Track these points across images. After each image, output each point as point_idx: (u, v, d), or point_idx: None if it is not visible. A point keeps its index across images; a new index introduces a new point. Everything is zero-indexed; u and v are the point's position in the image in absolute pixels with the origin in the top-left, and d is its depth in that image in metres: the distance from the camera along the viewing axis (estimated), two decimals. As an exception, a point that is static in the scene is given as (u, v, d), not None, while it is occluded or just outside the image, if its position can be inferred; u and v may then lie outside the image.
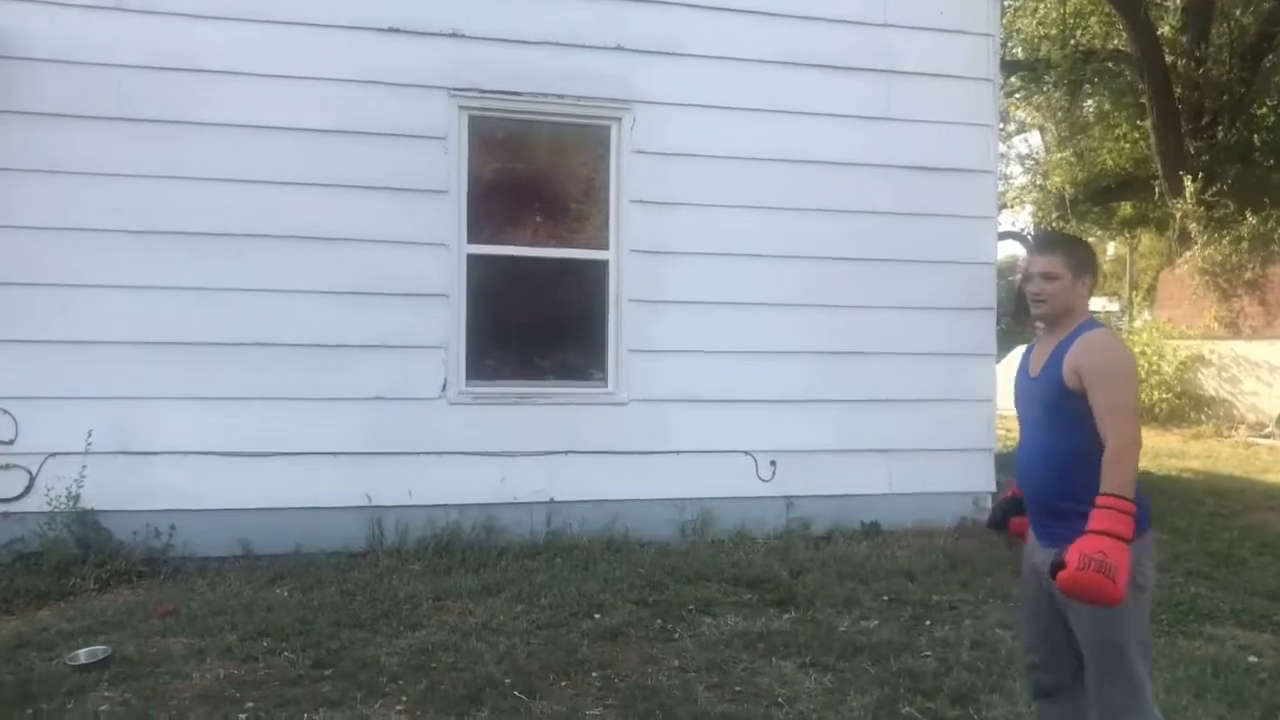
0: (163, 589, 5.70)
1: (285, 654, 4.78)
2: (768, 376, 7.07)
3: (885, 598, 5.78)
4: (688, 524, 6.89)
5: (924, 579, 6.15)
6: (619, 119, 6.87)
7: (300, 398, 6.32)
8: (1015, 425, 3.35)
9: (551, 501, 6.69)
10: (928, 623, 5.38)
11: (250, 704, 4.21)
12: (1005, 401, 13.36)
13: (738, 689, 4.48)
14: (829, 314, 7.20)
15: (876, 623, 5.36)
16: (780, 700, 4.37)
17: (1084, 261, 3.14)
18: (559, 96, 6.74)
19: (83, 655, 4.57)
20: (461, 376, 6.67)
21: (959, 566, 6.40)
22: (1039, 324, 3.24)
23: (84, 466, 5.89)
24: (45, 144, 6.00)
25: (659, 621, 5.35)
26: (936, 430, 7.35)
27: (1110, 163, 23.84)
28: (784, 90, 7.13)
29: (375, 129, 6.45)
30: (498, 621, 5.26)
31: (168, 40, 6.17)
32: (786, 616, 5.46)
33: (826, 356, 7.18)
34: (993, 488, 7.46)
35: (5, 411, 5.93)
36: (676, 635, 5.19)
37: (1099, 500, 2.78)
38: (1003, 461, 8.34)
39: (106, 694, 4.25)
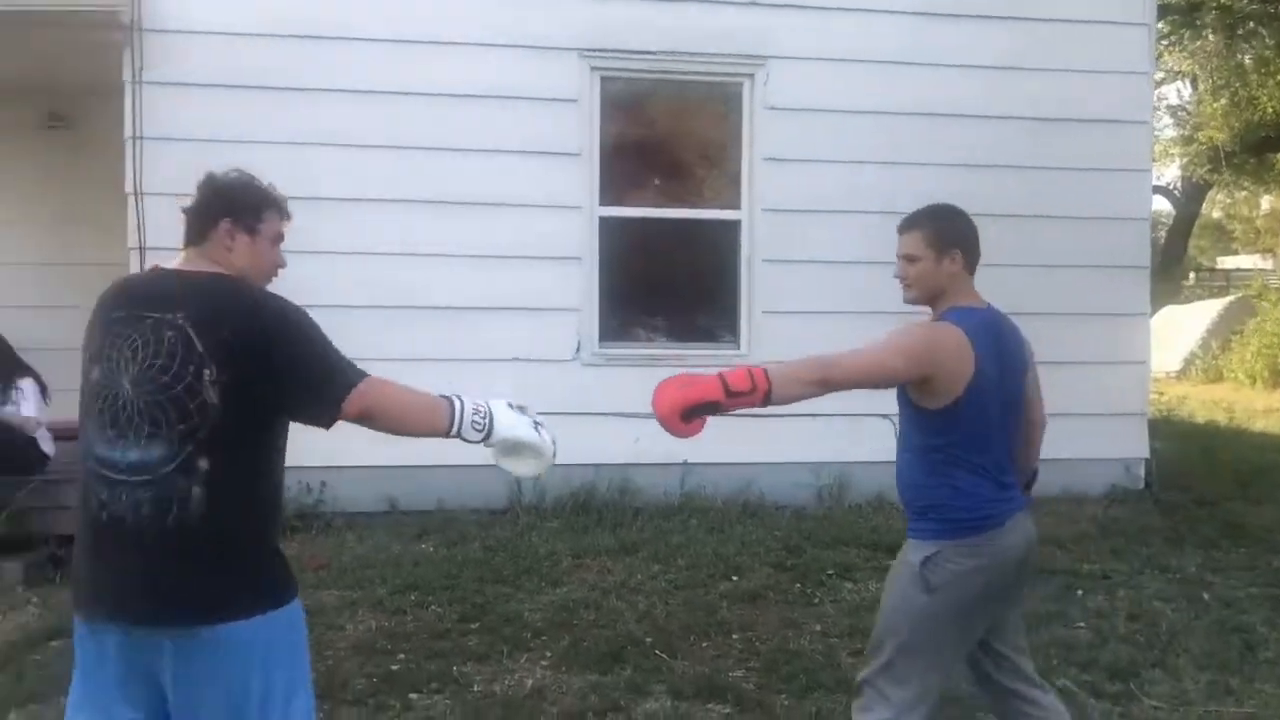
0: (315, 543, 5.92)
1: (433, 607, 4.91)
2: (905, 338, 6.88)
3: (1032, 565, 5.60)
4: (824, 488, 6.80)
5: (1073, 547, 5.93)
6: (752, 75, 6.74)
7: (441, 359, 6.41)
8: (1169, 389, 3.16)
9: (685, 464, 6.67)
10: (1079, 592, 5.20)
11: (401, 655, 4.35)
12: (1159, 363, 12.67)
13: (881, 655, 4.41)
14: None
15: (1024, 591, 5.18)
16: (926, 666, 4.28)
17: (948, 235, 2.84)
18: (691, 54, 6.66)
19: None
20: (595, 338, 6.70)
21: (1110, 535, 6.15)
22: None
23: (240, 425, 6.13)
24: (200, 114, 6.20)
25: (798, 585, 5.31)
26: (1084, 394, 7.01)
27: (1270, 110, 22.35)
28: (920, 41, 6.87)
29: (509, 92, 6.49)
30: (636, 581, 5.30)
31: (311, 9, 6.33)
32: (926, 583, 5.33)
33: (968, 316, 6.94)
34: (1146, 454, 7.14)
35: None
36: (817, 599, 5.14)
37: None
38: (1156, 427, 7.99)
39: (267, 642, 4.43)
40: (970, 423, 2.71)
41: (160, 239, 6.11)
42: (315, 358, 2.20)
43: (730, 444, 6.60)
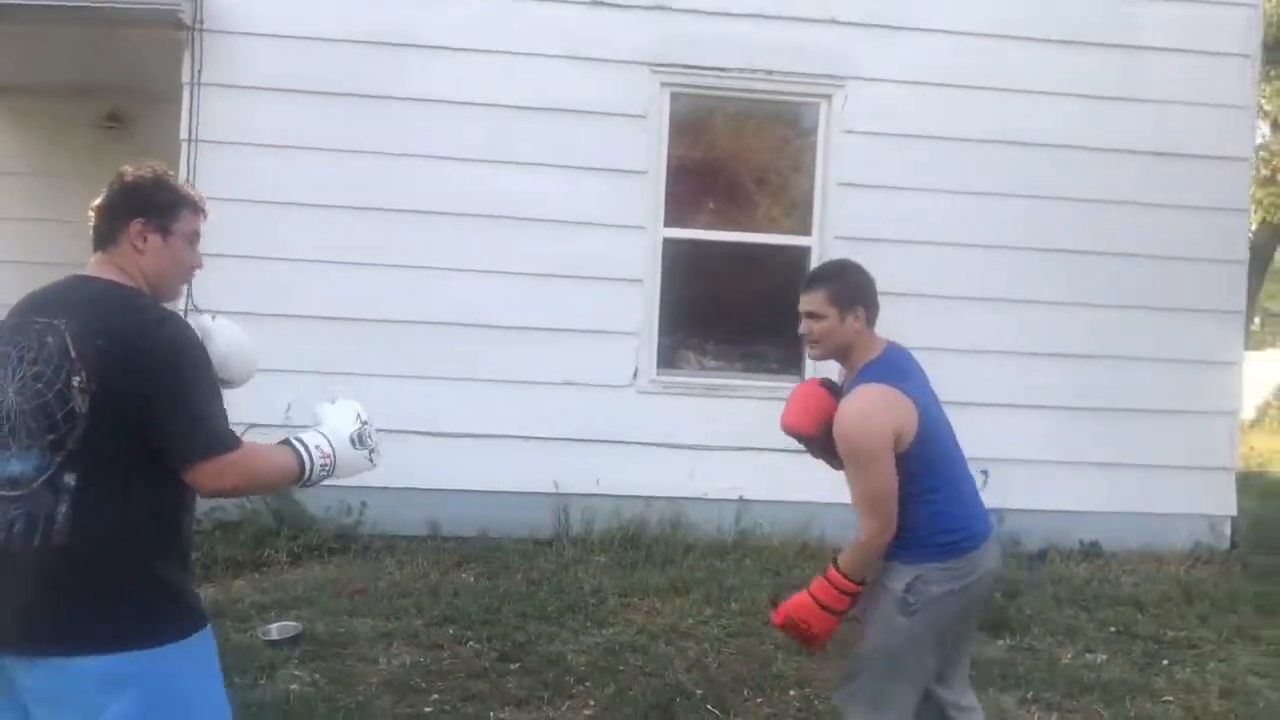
0: (352, 566, 5.70)
1: (471, 643, 4.66)
2: (979, 377, 6.50)
3: (1112, 629, 5.23)
4: (888, 532, 6.43)
5: (1155, 611, 5.53)
6: (829, 96, 6.47)
7: (492, 379, 6.22)
8: (1259, 442, 2.93)
9: (741, 500, 6.37)
10: (1164, 662, 4.81)
11: (436, 695, 4.10)
12: (1250, 413, 11.99)
13: None
14: (1049, 311, 6.60)
15: (1104, 657, 4.83)
16: (1002, 740, 3.93)
17: (851, 293, 2.93)
18: (767, 73, 6.40)
19: (275, 630, 4.56)
20: (653, 365, 6.44)
21: (1196, 599, 5.71)
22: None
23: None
24: (258, 118, 6.07)
25: (859, 638, 4.96)
26: (1169, 444, 6.64)
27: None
28: (1008, 66, 6.56)
29: (574, 106, 6.28)
30: (686, 625, 5.00)
31: (377, 15, 6.17)
32: (1001, 643, 4.98)
33: (1046, 358, 6.58)
34: (1233, 511, 6.71)
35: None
36: (880, 655, 4.78)
37: (829, 569, 2.84)
38: (1245, 482, 7.52)
39: (296, 672, 4.21)
40: (930, 456, 2.85)
41: (212, 243, 5.93)
42: (196, 398, 2.03)
43: (789, 480, 6.34)
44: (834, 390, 3.01)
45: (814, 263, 6.47)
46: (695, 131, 6.64)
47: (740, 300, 6.72)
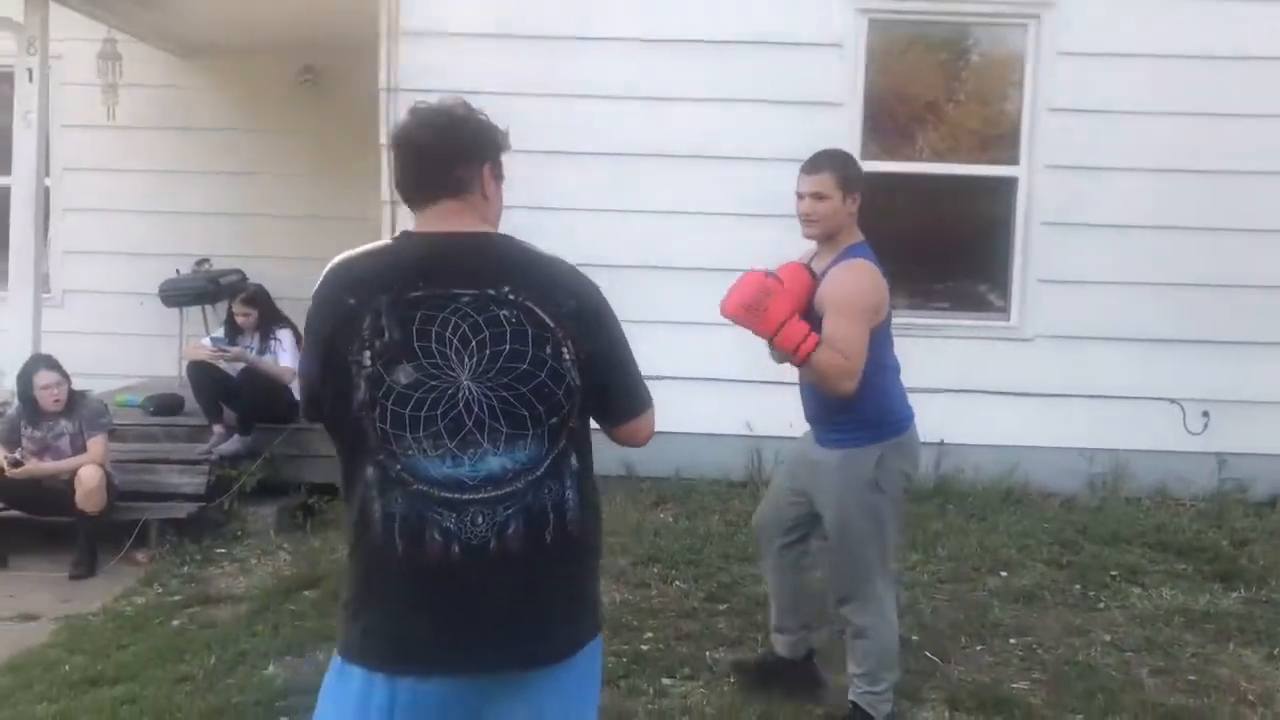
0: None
1: (677, 583, 4.71)
2: (1204, 314, 6.08)
3: (1360, 582, 4.83)
4: (1097, 477, 6.12)
5: None
6: (1038, 16, 6.06)
7: (685, 321, 6.13)
8: None
9: (942, 443, 6.12)
10: None
11: (650, 634, 4.16)
12: None
13: (1191, 678, 3.87)
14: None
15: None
16: (1251, 699, 3.70)
17: (852, 179, 3.16)
18: (971, -8, 6.05)
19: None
20: (848, 304, 6.24)
21: None
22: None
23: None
24: (452, 64, 6.09)
25: (1078, 586, 4.78)
26: None
27: None
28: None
29: (768, 38, 6.09)
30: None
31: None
32: (1235, 595, 4.70)
33: (1274, 290, 6.07)
34: None
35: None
36: (1101, 604, 4.59)
37: (812, 336, 3.01)
38: None
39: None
40: (886, 336, 3.17)
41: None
42: (630, 356, 1.90)
43: (992, 424, 6.11)
44: (812, 274, 3.19)
45: (1022, 195, 6.16)
46: (894, 59, 6.34)
47: (941, 234, 6.45)
